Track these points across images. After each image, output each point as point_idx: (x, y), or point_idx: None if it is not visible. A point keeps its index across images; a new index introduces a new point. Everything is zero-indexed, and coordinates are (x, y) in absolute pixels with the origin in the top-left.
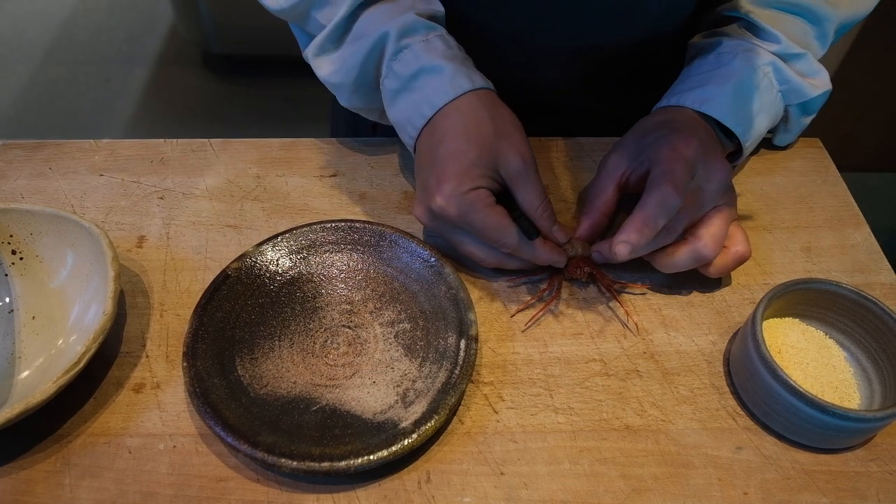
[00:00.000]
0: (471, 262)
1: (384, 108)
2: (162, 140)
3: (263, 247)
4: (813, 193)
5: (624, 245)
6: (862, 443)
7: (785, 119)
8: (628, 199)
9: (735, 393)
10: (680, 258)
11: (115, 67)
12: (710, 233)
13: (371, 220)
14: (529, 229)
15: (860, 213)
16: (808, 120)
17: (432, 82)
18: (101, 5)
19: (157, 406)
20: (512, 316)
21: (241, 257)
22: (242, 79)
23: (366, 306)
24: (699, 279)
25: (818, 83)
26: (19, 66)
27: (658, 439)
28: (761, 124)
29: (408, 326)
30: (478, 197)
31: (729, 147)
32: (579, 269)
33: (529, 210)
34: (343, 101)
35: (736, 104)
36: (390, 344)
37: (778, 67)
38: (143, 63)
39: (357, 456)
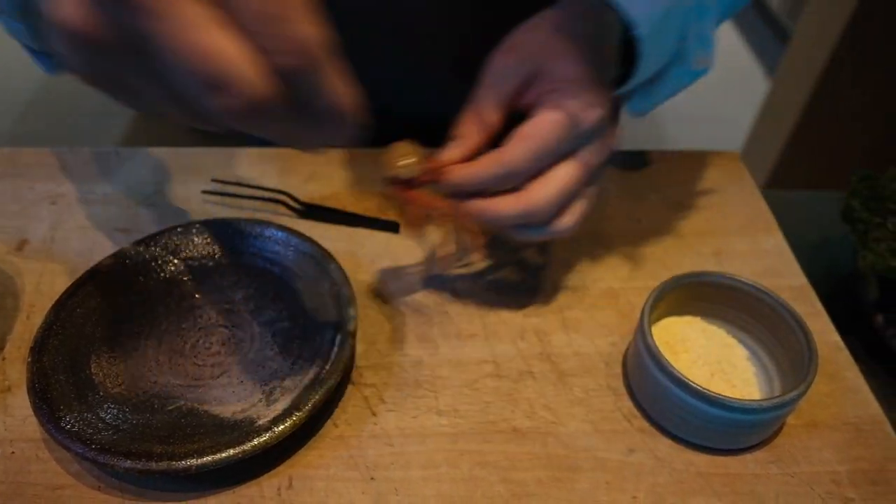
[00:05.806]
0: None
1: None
2: (67, 148)
3: (142, 244)
4: (727, 201)
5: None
6: (761, 443)
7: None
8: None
9: (631, 394)
10: (504, 209)
11: (96, 118)
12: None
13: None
14: None
15: (774, 220)
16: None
17: None
18: None
19: (4, 410)
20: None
21: (117, 254)
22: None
23: (247, 305)
24: (606, 279)
25: None
26: None
27: (546, 442)
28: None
29: (287, 325)
30: None
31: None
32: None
33: None
34: None
35: None
36: (266, 343)
37: None
38: (127, 116)
39: (201, 455)
